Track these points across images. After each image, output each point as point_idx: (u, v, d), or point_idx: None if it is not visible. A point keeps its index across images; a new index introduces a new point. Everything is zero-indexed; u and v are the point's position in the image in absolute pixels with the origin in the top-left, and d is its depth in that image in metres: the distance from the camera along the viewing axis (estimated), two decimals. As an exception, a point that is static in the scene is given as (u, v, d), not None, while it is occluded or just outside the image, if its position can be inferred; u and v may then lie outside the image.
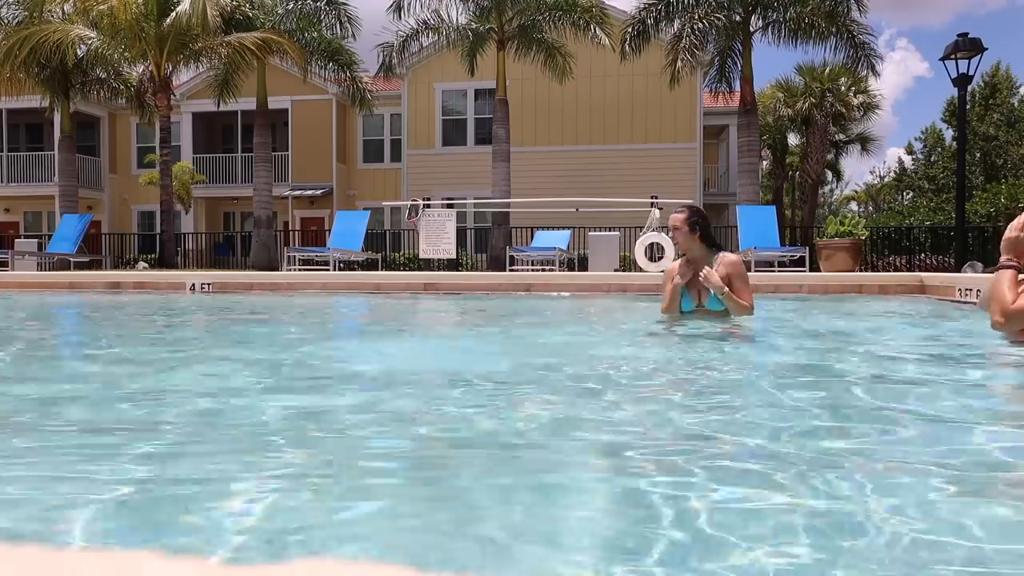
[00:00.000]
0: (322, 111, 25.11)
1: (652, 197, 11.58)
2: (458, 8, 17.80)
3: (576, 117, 22.34)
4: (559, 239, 14.44)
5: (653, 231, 10.41)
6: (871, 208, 49.42)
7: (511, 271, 13.04)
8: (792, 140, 34.25)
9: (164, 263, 17.16)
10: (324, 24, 18.88)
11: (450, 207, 13.99)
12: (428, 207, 12.25)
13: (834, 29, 16.28)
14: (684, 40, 16.48)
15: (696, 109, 21.89)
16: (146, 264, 18.07)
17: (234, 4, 18.07)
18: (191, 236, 22.22)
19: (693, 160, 21.83)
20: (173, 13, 15.71)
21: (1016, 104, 33.11)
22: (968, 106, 24.14)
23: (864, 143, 34.08)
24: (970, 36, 12.27)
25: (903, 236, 17.15)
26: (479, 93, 22.92)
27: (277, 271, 14.40)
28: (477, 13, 17.83)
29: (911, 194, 38.89)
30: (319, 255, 13.54)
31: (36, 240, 18.10)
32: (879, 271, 15.49)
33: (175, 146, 21.51)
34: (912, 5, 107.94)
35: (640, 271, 9.91)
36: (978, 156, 32.35)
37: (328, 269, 12.77)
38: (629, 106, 22.08)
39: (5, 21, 18.45)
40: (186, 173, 21.80)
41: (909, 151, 41.82)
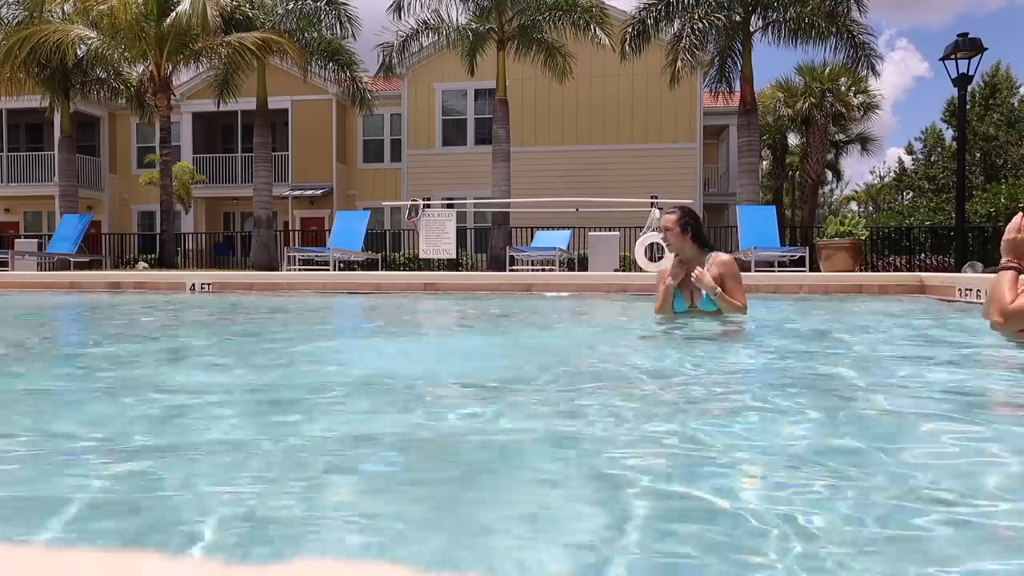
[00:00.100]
0: (322, 111, 25.12)
1: (652, 197, 11.58)
2: (458, 8, 17.82)
3: (576, 117, 22.35)
4: (559, 239, 14.44)
5: (653, 231, 10.41)
6: (871, 208, 49.43)
7: (511, 271, 13.04)
8: (792, 140, 34.26)
9: (164, 263, 17.17)
10: (324, 24, 18.88)
11: (450, 207, 13.99)
12: (428, 207, 12.26)
13: (834, 29, 16.28)
14: (684, 40, 16.48)
15: (696, 109, 21.90)
16: (146, 264, 18.07)
17: (234, 4, 18.07)
18: (191, 236, 22.22)
19: (693, 160, 21.83)
20: (173, 13, 15.71)
21: (1016, 104, 33.11)
22: (968, 106, 24.14)
23: (864, 143, 34.09)
24: (970, 36, 12.28)
25: (903, 236, 17.15)
26: (479, 93, 22.92)
27: (277, 271, 14.40)
28: (477, 13, 17.83)
29: (911, 194, 38.89)
30: (319, 255, 13.54)
31: (36, 240, 18.10)
32: (879, 271, 15.49)
33: (175, 146, 21.51)
34: (912, 5, 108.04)
35: (640, 271, 9.91)
36: (978, 156, 32.35)
37: (328, 269, 12.77)
38: (629, 106, 22.08)
39: (5, 21, 18.45)
40: (186, 173, 21.80)
41: (909, 151, 41.84)
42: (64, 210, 19.06)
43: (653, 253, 10.30)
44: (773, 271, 11.73)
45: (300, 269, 13.32)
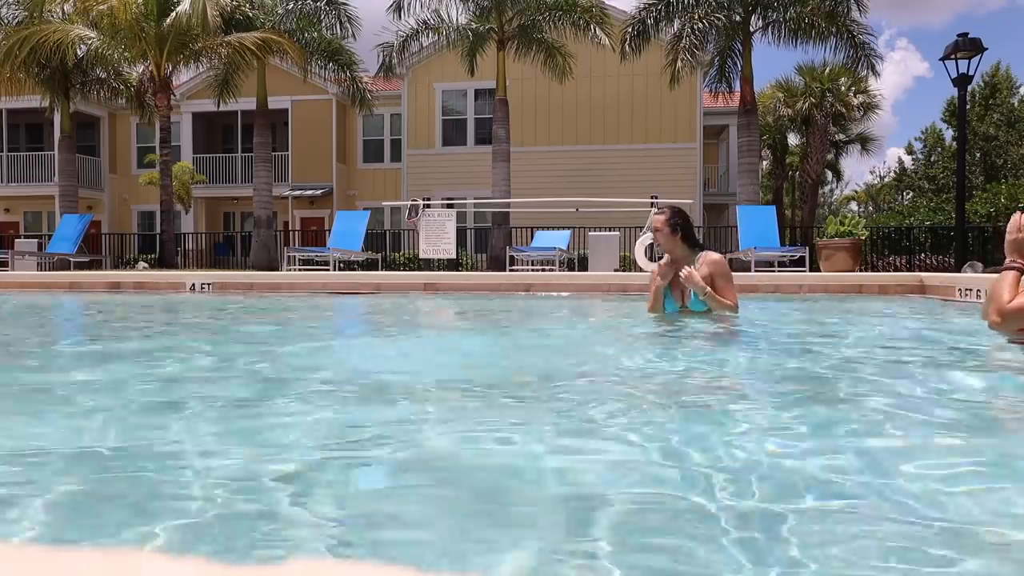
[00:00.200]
0: (322, 111, 25.12)
1: (652, 197, 11.58)
2: (458, 8, 17.83)
3: (576, 117, 22.35)
4: (559, 239, 14.44)
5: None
6: (871, 208, 49.44)
7: (511, 271, 13.04)
8: (792, 140, 34.26)
9: (164, 263, 17.17)
10: (324, 24, 18.89)
11: (450, 207, 13.99)
12: (428, 207, 12.26)
13: (834, 29, 16.29)
14: (684, 40, 16.48)
15: (696, 109, 21.90)
16: (146, 264, 18.08)
17: (234, 4, 18.07)
18: (191, 236, 22.22)
19: (693, 160, 21.84)
20: (173, 13, 15.72)
21: (1016, 104, 33.12)
22: (968, 106, 24.15)
23: (864, 143, 34.10)
24: (970, 36, 12.28)
25: (903, 236, 17.15)
26: (479, 93, 22.93)
27: (277, 271, 14.40)
28: (477, 13, 17.83)
29: (911, 194, 38.90)
30: (319, 255, 13.55)
31: (36, 240, 18.10)
32: (879, 271, 15.49)
33: (175, 146, 21.52)
34: (912, 5, 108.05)
35: (640, 271, 9.91)
36: (978, 156, 32.36)
37: (328, 269, 12.77)
38: (629, 106, 22.08)
39: (5, 21, 18.45)
40: (186, 173, 21.81)
41: (909, 151, 41.85)
42: (64, 210, 19.06)
43: (653, 253, 10.30)
44: (773, 271, 11.73)
45: (300, 269, 13.32)
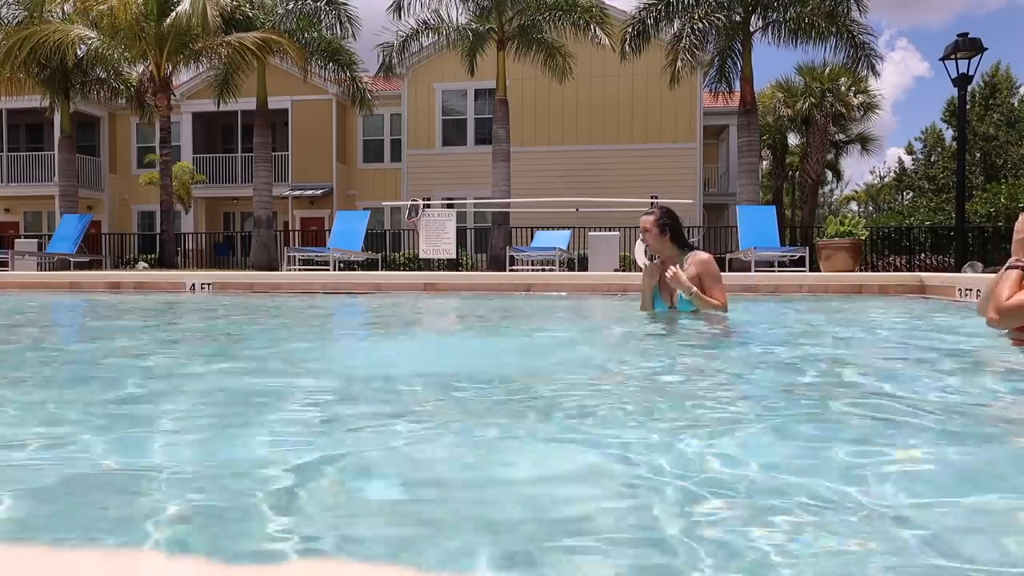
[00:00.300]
0: (322, 111, 25.12)
1: (652, 197, 11.58)
2: (458, 8, 17.83)
3: (576, 117, 22.35)
4: (559, 239, 14.44)
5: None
6: (871, 208, 49.44)
7: (511, 271, 13.04)
8: (792, 140, 34.27)
9: (164, 263, 17.17)
10: (324, 24, 18.89)
11: (450, 207, 14.00)
12: (428, 207, 12.26)
13: (834, 29, 16.29)
14: (684, 40, 16.48)
15: (696, 109, 21.90)
16: (146, 264, 18.08)
17: (234, 4, 18.07)
18: (191, 236, 22.22)
19: (693, 160, 21.84)
20: (173, 13, 15.72)
21: (1016, 104, 33.13)
22: (968, 106, 24.15)
23: (864, 143, 34.10)
24: (970, 36, 12.28)
25: (903, 236, 17.15)
26: (479, 93, 22.93)
27: (277, 271, 14.40)
28: (477, 13, 17.83)
29: (911, 194, 38.91)
30: (319, 255, 13.55)
31: (36, 240, 18.11)
32: (879, 271, 15.50)
33: (175, 146, 21.52)
34: (912, 5, 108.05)
35: (640, 271, 9.90)
36: (978, 156, 32.36)
37: (328, 269, 12.78)
38: (629, 106, 22.08)
39: (5, 21, 18.45)
40: (186, 173, 21.81)
41: (909, 151, 41.85)
42: (64, 210, 19.06)
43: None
44: (773, 271, 11.74)
45: (300, 269, 13.32)
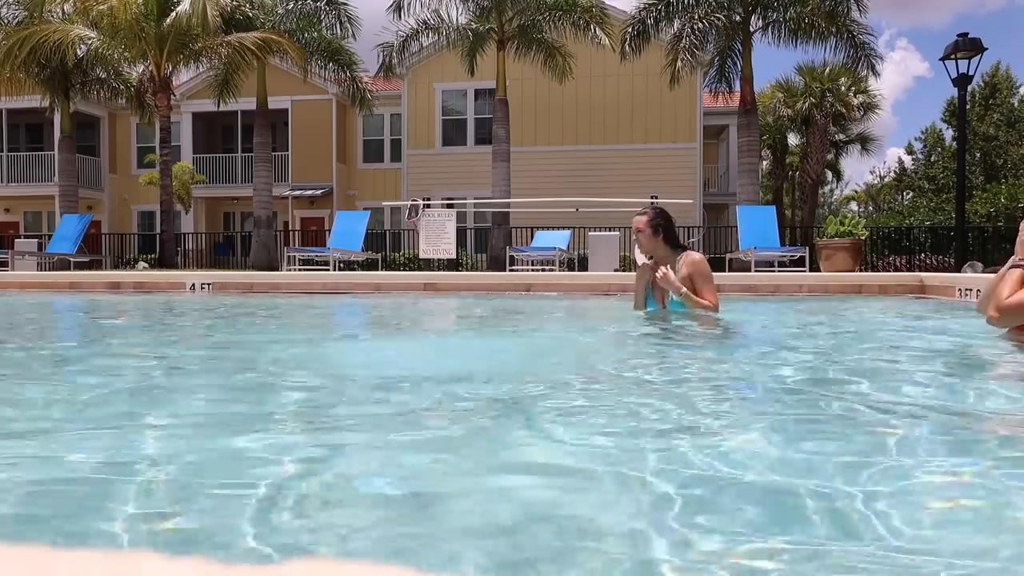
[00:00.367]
0: (322, 111, 25.12)
1: (652, 197, 11.59)
2: (458, 8, 17.82)
3: (576, 117, 22.35)
4: (559, 239, 14.44)
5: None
6: (871, 208, 49.44)
7: (511, 271, 13.04)
8: (792, 140, 34.27)
9: (164, 263, 17.17)
10: (324, 24, 18.89)
11: (450, 207, 14.00)
12: (428, 207, 12.26)
13: (834, 29, 16.29)
14: (684, 40, 16.48)
15: (696, 109, 21.90)
16: (146, 264, 18.08)
17: (234, 4, 18.07)
18: (191, 236, 22.22)
19: (693, 160, 21.84)
20: (173, 13, 15.72)
21: (1016, 104, 33.13)
22: (968, 106, 24.15)
23: (864, 143, 34.10)
24: (970, 36, 12.28)
25: (903, 236, 17.15)
26: (479, 93, 22.93)
27: (277, 271, 14.40)
28: (477, 13, 17.83)
29: (911, 194, 38.92)
30: (319, 255, 13.55)
31: (36, 240, 18.11)
32: (879, 271, 15.50)
33: (175, 146, 21.52)
34: (912, 5, 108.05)
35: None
36: (978, 156, 32.36)
37: (328, 269, 12.78)
38: (629, 106, 22.08)
39: (5, 21, 18.45)
40: (186, 173, 21.81)
41: (909, 151, 41.86)
42: (64, 210, 19.06)
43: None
44: (773, 271, 11.74)
45: (300, 269, 13.33)
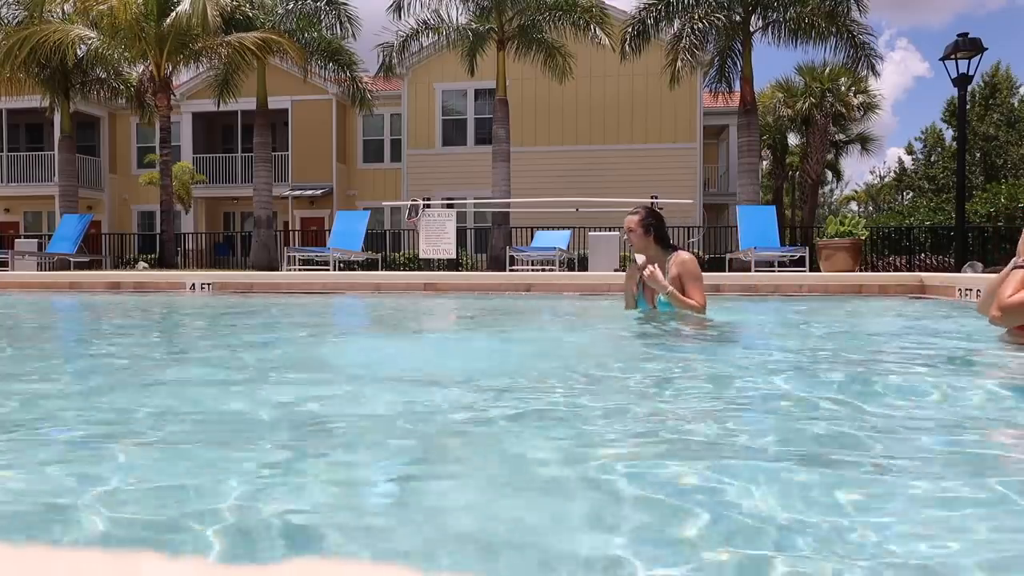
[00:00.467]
0: (322, 111, 25.12)
1: (652, 197, 11.59)
2: (458, 8, 17.82)
3: (576, 117, 22.35)
4: (559, 239, 14.44)
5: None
6: (871, 208, 49.43)
7: (511, 271, 13.04)
8: (792, 140, 34.26)
9: (164, 263, 17.17)
10: (324, 24, 18.89)
11: (450, 207, 14.00)
12: (428, 207, 12.26)
13: (834, 29, 16.28)
14: (684, 40, 16.48)
15: (696, 109, 21.89)
16: (146, 264, 18.08)
17: (234, 4, 18.07)
18: (191, 236, 22.22)
19: (693, 160, 21.83)
20: (173, 13, 15.72)
21: (1016, 104, 33.12)
22: (968, 106, 24.15)
23: (864, 143, 34.09)
24: (970, 36, 12.28)
25: (903, 236, 17.15)
26: (479, 93, 22.92)
27: (277, 271, 14.40)
28: (477, 13, 17.83)
29: (911, 194, 38.90)
30: (319, 255, 13.55)
31: (36, 240, 18.11)
32: (879, 271, 15.49)
33: (175, 146, 21.51)
34: (912, 5, 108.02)
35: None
36: (978, 156, 32.36)
37: (328, 269, 12.77)
38: (629, 106, 22.08)
39: (5, 21, 18.45)
40: (186, 173, 21.80)
41: (909, 151, 41.85)
42: (64, 210, 19.06)
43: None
44: (773, 271, 11.74)
45: (300, 269, 13.32)
